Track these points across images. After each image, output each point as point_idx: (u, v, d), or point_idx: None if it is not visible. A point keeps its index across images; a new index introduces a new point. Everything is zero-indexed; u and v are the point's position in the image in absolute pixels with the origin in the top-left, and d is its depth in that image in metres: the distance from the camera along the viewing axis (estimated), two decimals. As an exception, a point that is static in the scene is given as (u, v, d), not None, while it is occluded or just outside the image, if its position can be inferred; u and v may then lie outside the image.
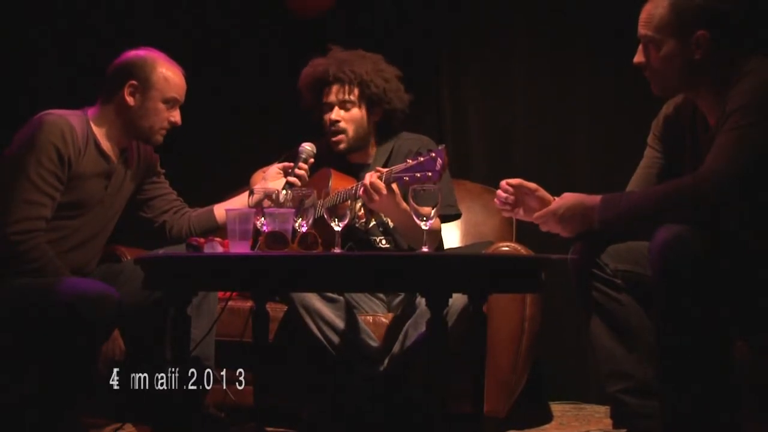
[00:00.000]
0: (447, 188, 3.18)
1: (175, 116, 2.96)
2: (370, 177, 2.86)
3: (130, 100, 2.90)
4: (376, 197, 2.85)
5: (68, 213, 2.84)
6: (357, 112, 3.24)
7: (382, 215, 3.21)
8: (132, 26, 4.08)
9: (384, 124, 3.31)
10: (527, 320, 3.06)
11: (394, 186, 2.84)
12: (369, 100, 3.24)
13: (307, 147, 3.12)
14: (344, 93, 3.22)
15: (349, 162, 3.30)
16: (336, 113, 3.23)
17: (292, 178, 3.03)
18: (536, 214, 2.49)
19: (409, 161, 2.74)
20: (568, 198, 2.45)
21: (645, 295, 2.35)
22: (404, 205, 2.88)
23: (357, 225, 3.22)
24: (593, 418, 3.50)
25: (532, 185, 2.56)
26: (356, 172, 3.23)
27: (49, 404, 2.59)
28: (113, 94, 2.92)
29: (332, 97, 3.24)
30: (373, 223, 3.25)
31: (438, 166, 2.66)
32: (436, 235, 3.18)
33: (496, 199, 2.59)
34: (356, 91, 3.22)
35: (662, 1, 2.39)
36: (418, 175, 2.70)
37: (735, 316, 2.25)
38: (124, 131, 2.94)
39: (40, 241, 2.73)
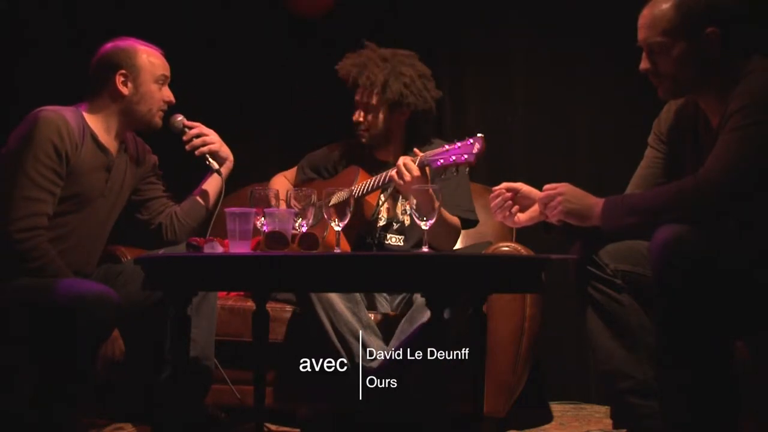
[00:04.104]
0: (466, 193, 3.27)
1: (168, 94, 2.99)
2: (403, 159, 2.95)
3: (123, 89, 2.93)
4: (407, 176, 2.91)
5: (70, 208, 2.85)
6: (378, 115, 3.31)
7: (399, 214, 3.27)
8: (131, 26, 4.07)
9: (413, 124, 3.37)
10: (527, 320, 3.06)
11: (427, 170, 2.91)
12: (390, 104, 3.30)
13: (174, 121, 3.13)
14: (366, 97, 3.31)
15: (378, 160, 3.36)
16: (358, 114, 3.33)
17: (204, 148, 3.09)
18: (546, 188, 2.48)
19: (446, 146, 2.80)
20: (574, 188, 2.45)
21: (645, 295, 2.35)
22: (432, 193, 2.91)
23: (379, 223, 3.29)
24: (593, 418, 3.50)
25: (517, 185, 2.57)
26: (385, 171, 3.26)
27: (49, 404, 2.59)
28: (103, 88, 2.94)
29: (358, 98, 3.34)
30: (389, 220, 3.30)
31: (475, 150, 2.69)
32: (456, 232, 3.24)
33: (492, 205, 2.59)
34: (376, 96, 3.29)
35: (664, 4, 2.37)
36: (454, 158, 2.74)
37: (735, 316, 2.25)
38: (122, 121, 2.96)
39: (42, 240, 2.73)
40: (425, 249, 2.47)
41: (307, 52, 4.20)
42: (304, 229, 2.52)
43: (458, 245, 3.45)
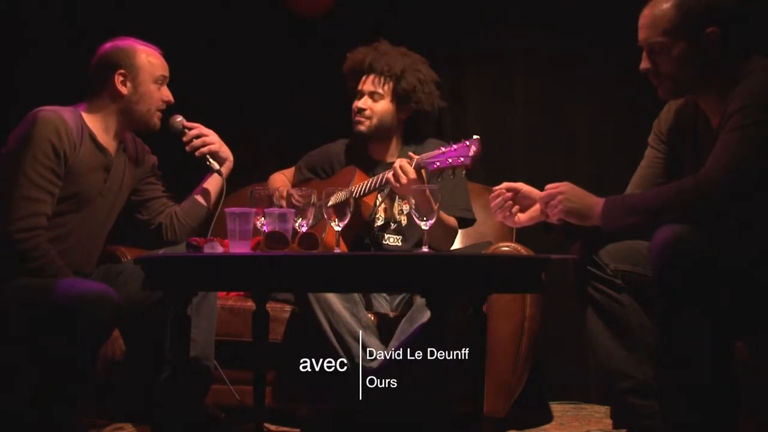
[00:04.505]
0: (464, 192, 3.27)
1: (167, 94, 3.00)
2: (399, 161, 2.93)
3: (122, 89, 2.93)
4: (403, 179, 2.91)
5: (69, 208, 2.85)
6: (385, 105, 3.30)
7: (396, 214, 3.27)
8: (131, 26, 4.07)
9: (412, 124, 3.37)
10: (527, 320, 3.06)
11: (423, 173, 2.90)
12: (399, 97, 3.29)
13: (174, 122, 3.12)
14: (377, 85, 3.29)
15: (374, 159, 3.35)
16: (364, 101, 3.30)
17: (204, 149, 3.08)
18: (548, 187, 2.48)
19: (442, 148, 2.79)
20: (575, 187, 2.45)
21: (645, 295, 2.35)
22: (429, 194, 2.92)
23: (377, 223, 3.29)
24: (593, 418, 3.50)
25: (517, 184, 2.57)
26: (381, 171, 3.25)
27: (49, 404, 2.59)
28: (102, 88, 2.95)
29: (365, 87, 3.31)
30: (386, 220, 3.29)
31: (471, 152, 2.69)
32: (454, 233, 3.24)
33: (492, 205, 2.59)
34: (389, 84, 3.28)
35: (665, 4, 2.37)
36: (450, 160, 2.74)
37: (735, 316, 2.25)
38: (121, 121, 2.96)
39: (42, 240, 2.73)
40: (425, 249, 2.46)
41: (307, 52, 4.20)
42: (304, 229, 2.52)
43: (458, 245, 3.46)
